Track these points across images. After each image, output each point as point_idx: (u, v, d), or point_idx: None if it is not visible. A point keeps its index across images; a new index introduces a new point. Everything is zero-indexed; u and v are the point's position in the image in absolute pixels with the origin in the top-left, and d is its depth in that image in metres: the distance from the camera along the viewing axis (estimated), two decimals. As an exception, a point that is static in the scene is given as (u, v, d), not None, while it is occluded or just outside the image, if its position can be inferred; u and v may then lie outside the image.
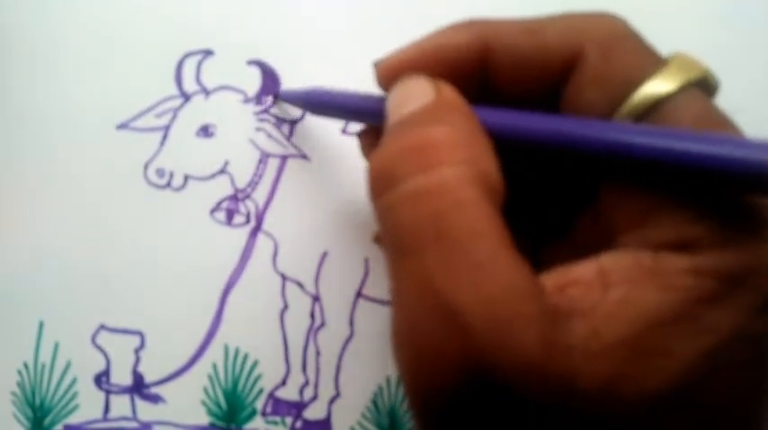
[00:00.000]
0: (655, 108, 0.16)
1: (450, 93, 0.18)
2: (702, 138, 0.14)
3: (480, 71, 0.19)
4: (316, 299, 0.28)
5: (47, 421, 0.27)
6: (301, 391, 0.27)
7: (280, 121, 0.28)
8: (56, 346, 0.28)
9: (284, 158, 0.28)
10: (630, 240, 0.16)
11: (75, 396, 0.27)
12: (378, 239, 0.25)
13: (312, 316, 0.28)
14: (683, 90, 0.16)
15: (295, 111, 0.28)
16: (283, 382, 0.27)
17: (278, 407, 0.27)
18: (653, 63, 0.17)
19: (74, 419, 0.27)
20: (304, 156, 0.28)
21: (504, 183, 0.16)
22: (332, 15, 0.29)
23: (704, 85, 0.17)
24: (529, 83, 0.18)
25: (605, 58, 0.17)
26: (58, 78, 0.28)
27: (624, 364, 0.14)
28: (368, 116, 0.22)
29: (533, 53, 0.18)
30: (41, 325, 0.28)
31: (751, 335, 0.14)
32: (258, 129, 0.28)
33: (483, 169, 0.16)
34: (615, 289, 0.15)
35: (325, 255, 0.28)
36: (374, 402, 0.27)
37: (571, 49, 0.17)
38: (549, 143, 0.17)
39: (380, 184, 0.16)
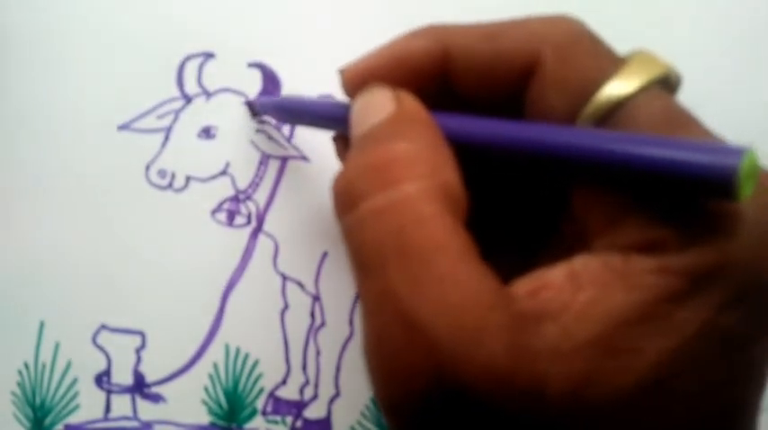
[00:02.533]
0: (616, 109, 0.16)
1: (411, 104, 0.18)
2: (657, 143, 0.14)
3: (441, 77, 0.19)
4: (316, 298, 0.28)
5: (47, 421, 0.27)
6: (302, 391, 0.28)
7: (280, 123, 0.29)
8: (56, 346, 0.28)
9: (285, 160, 0.29)
10: (601, 244, 0.16)
11: (75, 396, 0.27)
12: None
13: (312, 315, 0.28)
14: (644, 90, 0.16)
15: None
16: (284, 382, 0.28)
17: (278, 406, 0.28)
18: (612, 64, 0.16)
19: (74, 419, 0.27)
20: (304, 158, 0.29)
21: (466, 194, 0.17)
22: (333, 18, 0.29)
23: (666, 83, 0.17)
24: (489, 89, 0.18)
25: (563, 61, 0.17)
26: (60, 79, 0.29)
27: (593, 364, 0.14)
28: (338, 124, 0.22)
29: (492, 59, 0.18)
30: (42, 325, 0.28)
31: (718, 331, 0.14)
32: (259, 131, 0.29)
33: (444, 182, 0.16)
34: (585, 290, 0.15)
35: (325, 255, 0.28)
36: (374, 401, 0.27)
37: (529, 53, 0.17)
38: (510, 149, 0.17)
39: (342, 204, 0.17)
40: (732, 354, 0.15)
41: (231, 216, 0.28)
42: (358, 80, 0.20)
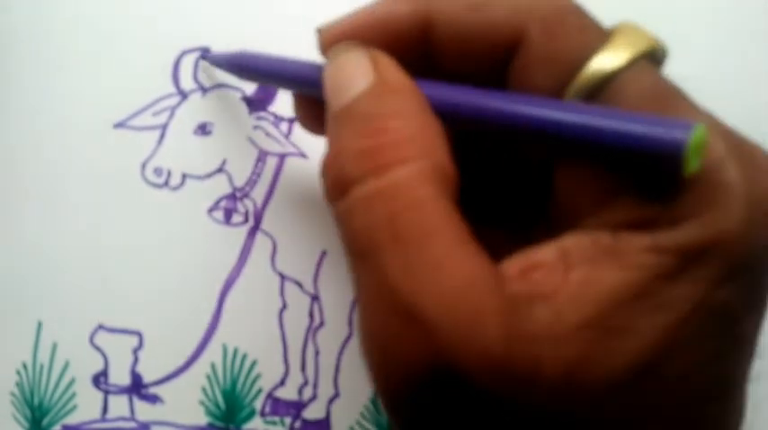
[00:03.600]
0: (604, 84, 0.16)
1: (391, 69, 0.17)
2: (613, 116, 0.15)
3: (422, 45, 0.18)
4: (315, 298, 0.28)
5: (45, 421, 0.27)
6: (300, 391, 0.27)
7: (278, 120, 0.28)
8: (54, 347, 0.27)
9: (282, 157, 0.28)
10: (591, 222, 0.16)
11: (73, 396, 0.27)
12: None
13: (311, 315, 0.28)
14: (631, 64, 0.16)
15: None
16: (282, 382, 0.27)
17: (277, 406, 0.27)
18: (599, 38, 0.16)
19: (72, 419, 0.27)
20: (303, 155, 0.28)
21: (457, 173, 0.16)
22: (330, 12, 0.29)
23: (653, 56, 0.16)
24: (471, 60, 0.18)
25: (549, 35, 0.17)
26: (55, 77, 0.28)
27: (588, 346, 0.14)
28: (304, 84, 0.21)
29: (476, 30, 0.18)
30: (40, 325, 0.28)
31: (712, 308, 0.14)
32: (256, 128, 0.28)
33: (436, 162, 0.16)
34: (576, 270, 0.15)
35: (324, 254, 0.28)
36: (373, 402, 0.27)
37: (515, 27, 0.17)
38: (493, 120, 0.16)
39: (333, 191, 0.17)
40: (725, 329, 0.15)
41: (228, 214, 0.28)
42: (336, 42, 0.19)
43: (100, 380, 0.27)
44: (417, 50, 0.18)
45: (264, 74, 0.24)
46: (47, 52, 0.28)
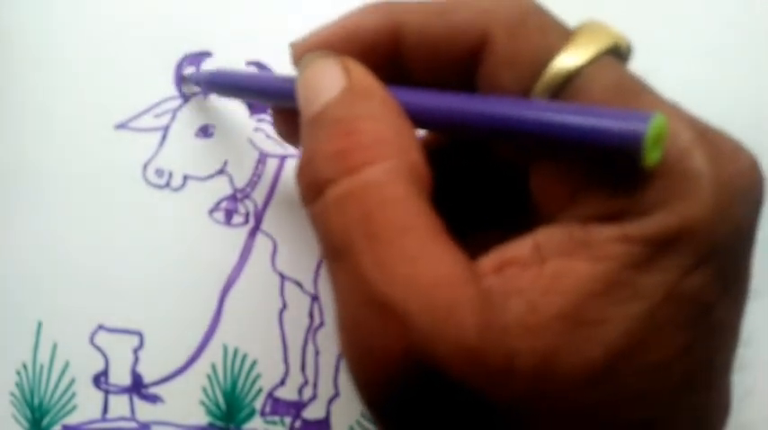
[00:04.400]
0: (568, 82, 0.16)
1: (362, 75, 0.18)
2: (574, 110, 0.15)
3: (393, 54, 0.19)
4: (314, 298, 0.28)
5: (45, 421, 0.27)
6: (300, 391, 0.27)
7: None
8: (54, 347, 0.27)
9: (283, 158, 0.28)
10: (563, 217, 0.16)
11: (73, 396, 0.27)
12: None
13: (311, 315, 0.28)
14: (594, 61, 0.16)
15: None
16: (282, 382, 0.27)
17: (277, 406, 0.27)
18: (561, 37, 0.16)
19: (72, 419, 0.27)
20: (303, 156, 0.28)
21: (430, 173, 0.17)
22: (331, 16, 0.29)
23: (617, 52, 0.17)
24: (441, 66, 0.18)
25: (512, 37, 0.17)
26: (58, 78, 0.29)
27: (561, 337, 0.14)
28: (279, 98, 0.21)
29: (443, 35, 0.18)
30: (40, 325, 0.28)
31: (683, 295, 0.14)
32: (257, 130, 0.28)
33: (408, 161, 0.16)
34: (550, 262, 0.15)
35: (323, 254, 0.28)
36: (373, 402, 0.27)
37: (479, 29, 0.17)
38: (462, 122, 0.17)
39: (309, 193, 0.17)
40: (699, 317, 0.15)
41: (229, 215, 0.28)
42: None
43: (100, 380, 0.27)
44: (388, 60, 0.19)
45: (241, 89, 0.24)
46: (49, 54, 0.29)
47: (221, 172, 0.28)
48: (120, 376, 0.27)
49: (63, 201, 0.28)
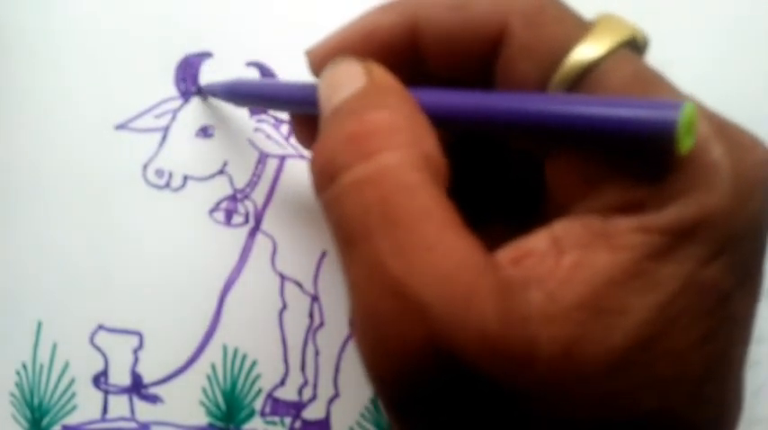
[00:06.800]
0: (586, 74, 0.16)
1: (382, 74, 0.18)
2: (604, 103, 0.15)
3: (411, 52, 0.19)
4: (314, 298, 0.28)
5: (45, 421, 0.27)
6: (300, 391, 0.27)
7: (278, 122, 0.29)
8: (54, 347, 0.27)
9: (283, 158, 0.28)
10: (580, 208, 0.16)
11: (73, 396, 0.27)
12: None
13: (311, 316, 0.28)
14: (612, 53, 0.16)
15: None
16: (282, 382, 0.27)
17: (277, 407, 0.27)
18: (579, 28, 0.17)
19: (72, 420, 0.27)
20: (302, 156, 0.28)
21: (447, 164, 0.17)
22: (331, 17, 0.29)
23: (633, 45, 0.17)
24: (459, 60, 0.18)
25: (530, 27, 0.17)
26: (58, 78, 0.29)
27: (581, 326, 0.14)
28: (298, 104, 0.21)
29: (460, 29, 0.18)
30: (40, 325, 0.28)
31: (701, 285, 0.14)
32: (257, 130, 0.28)
33: (425, 151, 0.16)
34: (568, 254, 0.15)
35: (323, 254, 0.28)
36: (373, 402, 0.27)
37: (497, 22, 0.17)
38: (482, 119, 0.17)
39: (323, 179, 0.16)
40: (716, 307, 0.15)
41: (229, 215, 0.28)
42: (326, 59, 0.19)
43: (100, 380, 0.27)
44: (406, 58, 0.19)
45: (260, 99, 0.24)
46: (49, 54, 0.29)
47: (221, 172, 0.28)
48: (120, 376, 0.27)
49: (63, 201, 0.28)
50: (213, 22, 0.29)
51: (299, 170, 0.28)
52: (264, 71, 0.29)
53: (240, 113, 0.28)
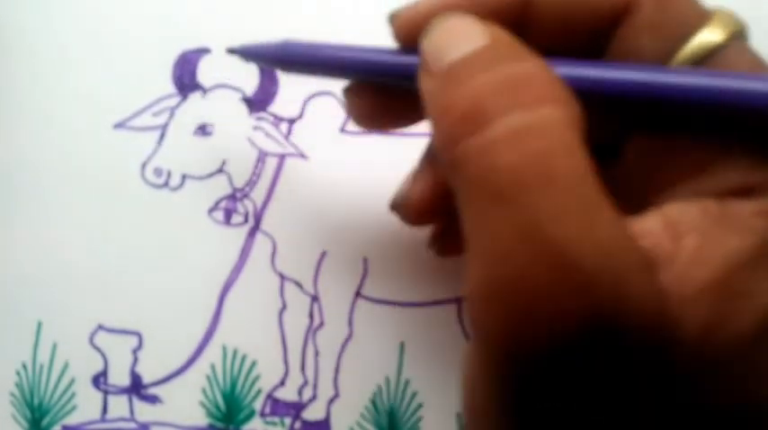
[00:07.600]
0: (708, 57, 0.16)
1: (503, 33, 0.16)
2: (760, 78, 0.15)
3: (519, 21, 0.18)
4: (314, 299, 0.28)
5: (45, 421, 0.27)
6: (300, 392, 0.27)
7: (278, 120, 0.28)
8: (54, 347, 0.27)
9: (282, 157, 0.28)
10: (688, 191, 0.16)
11: (73, 396, 0.27)
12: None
13: (311, 316, 0.28)
14: (731, 40, 0.17)
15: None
16: (282, 383, 0.27)
17: (277, 407, 0.27)
18: (702, 15, 0.17)
19: (72, 420, 0.27)
20: (302, 155, 0.28)
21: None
22: (331, 13, 0.29)
23: (743, 38, 0.17)
24: (573, 32, 0.18)
25: (660, 6, 0.17)
26: (55, 77, 0.28)
27: (716, 308, 0.14)
28: (367, 70, 0.20)
29: (579, 2, 0.18)
30: (39, 325, 0.28)
31: None
32: (256, 128, 0.28)
33: (575, 109, 0.15)
34: (688, 237, 0.15)
35: (323, 254, 0.28)
36: (373, 402, 0.27)
37: None
38: (606, 90, 0.17)
39: (466, 124, 0.15)
40: None
41: (228, 214, 0.28)
42: (420, 24, 0.17)
43: (100, 380, 0.27)
44: (513, 26, 0.17)
45: (318, 63, 0.21)
46: (47, 52, 0.28)
47: (220, 171, 0.28)
48: (120, 376, 0.27)
49: (62, 200, 0.28)
50: (212, 21, 0.28)
51: (298, 169, 0.28)
52: (263, 67, 0.28)
53: (239, 111, 0.28)
